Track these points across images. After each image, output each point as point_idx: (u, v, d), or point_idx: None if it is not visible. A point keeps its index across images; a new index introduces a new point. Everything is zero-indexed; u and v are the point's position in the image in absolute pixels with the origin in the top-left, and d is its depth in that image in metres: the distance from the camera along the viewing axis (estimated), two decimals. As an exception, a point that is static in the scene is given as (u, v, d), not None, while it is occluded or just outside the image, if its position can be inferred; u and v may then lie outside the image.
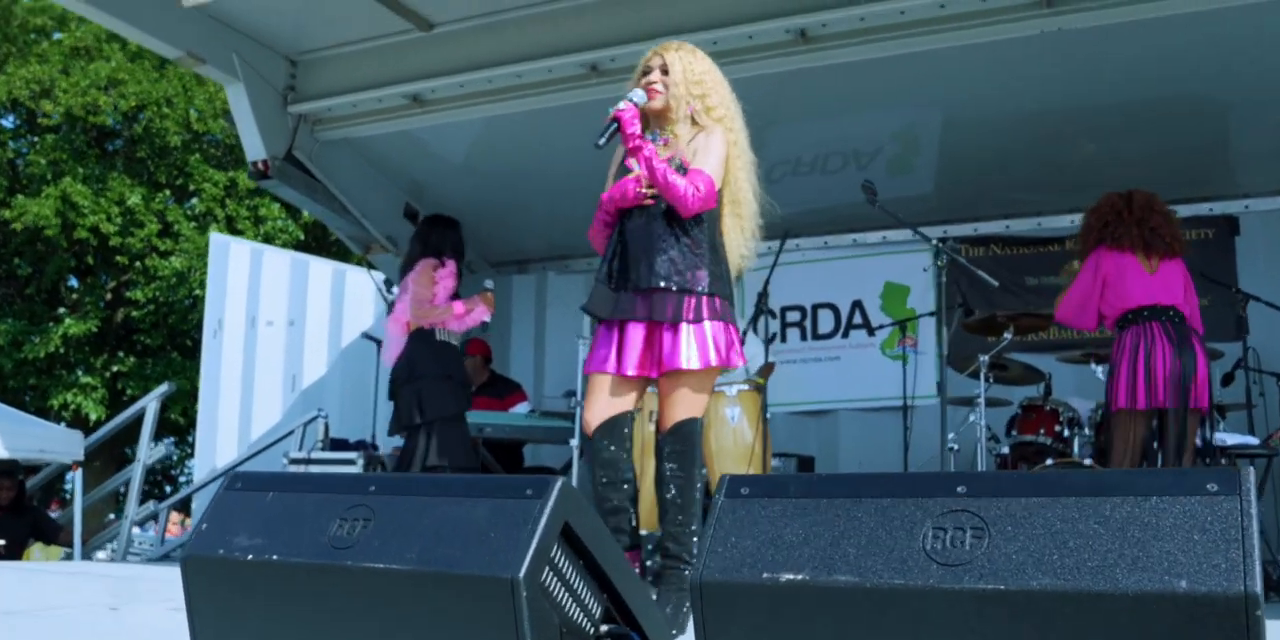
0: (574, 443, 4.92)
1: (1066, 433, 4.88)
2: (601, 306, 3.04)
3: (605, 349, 3.02)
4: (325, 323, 7.56)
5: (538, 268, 7.36)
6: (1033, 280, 6.05)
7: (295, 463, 5.68)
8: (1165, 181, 5.44)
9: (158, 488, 16.97)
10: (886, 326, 6.09)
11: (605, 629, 1.55)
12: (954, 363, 4.97)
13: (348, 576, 1.42)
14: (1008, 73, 4.95)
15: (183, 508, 10.73)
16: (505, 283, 7.06)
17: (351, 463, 5.57)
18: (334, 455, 5.75)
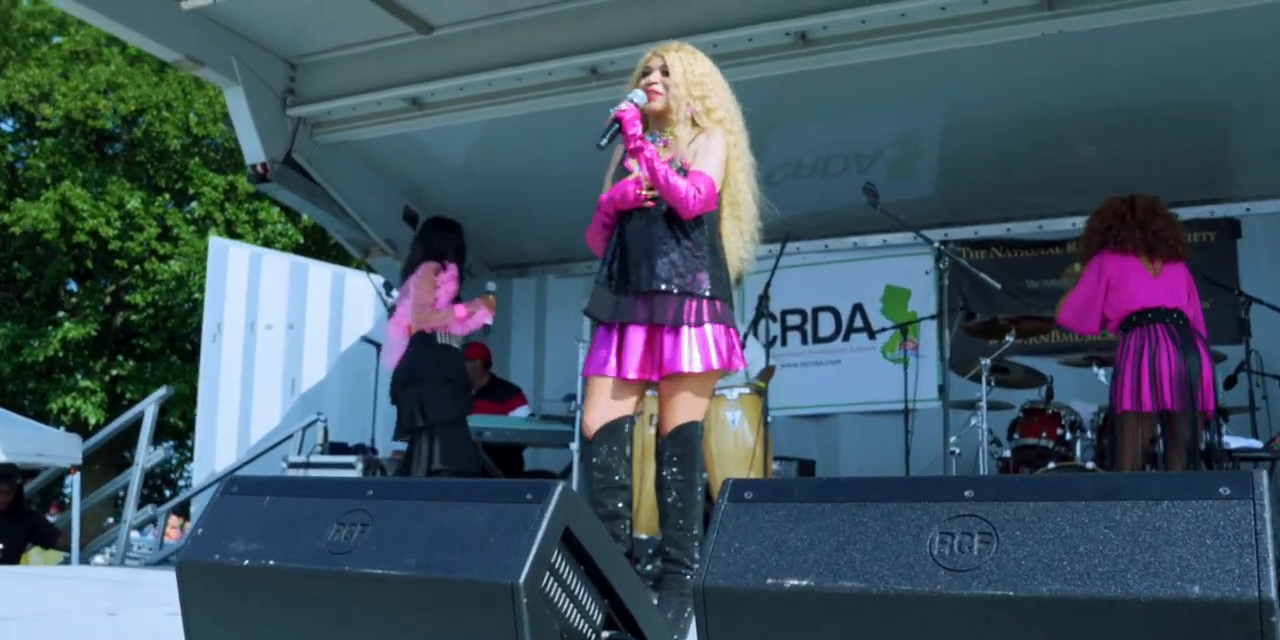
0: (574, 446, 4.90)
1: (1069, 436, 4.86)
2: (602, 309, 3.02)
3: (605, 352, 3.00)
4: (324, 326, 7.54)
5: (537, 271, 7.34)
6: (1034, 283, 6.04)
7: (294, 467, 5.66)
8: (1167, 184, 5.42)
9: (157, 492, 16.93)
10: (887, 330, 6.07)
11: (607, 635, 1.53)
12: (955, 366, 4.95)
13: (345, 582, 1.40)
14: (1009, 75, 4.94)
15: (182, 512, 10.71)
16: (505, 286, 7.04)
17: (351, 467, 5.55)
18: (333, 459, 5.73)
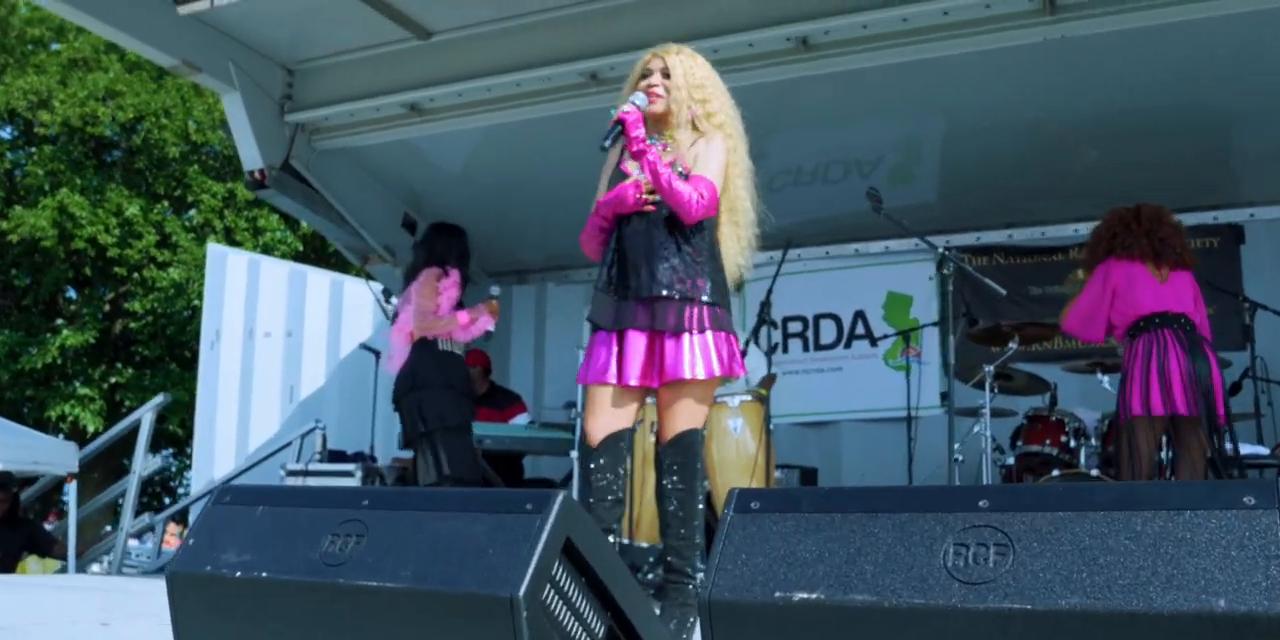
0: (574, 454, 4.86)
1: (1073, 443, 4.82)
2: (604, 316, 2.99)
3: (605, 358, 2.96)
4: (323, 334, 7.52)
5: (537, 278, 7.31)
6: (1036, 290, 6.01)
7: (292, 474, 5.63)
8: (1169, 190, 5.40)
9: (156, 499, 16.89)
10: (889, 337, 6.03)
11: (608, 648, 1.49)
12: (958, 373, 4.91)
13: (340, 595, 1.37)
14: (1011, 80, 4.91)
15: (181, 519, 10.66)
16: (504, 293, 7.01)
17: (349, 475, 5.51)
18: (332, 467, 5.70)
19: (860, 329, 6.38)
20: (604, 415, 2.94)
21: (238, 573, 1.43)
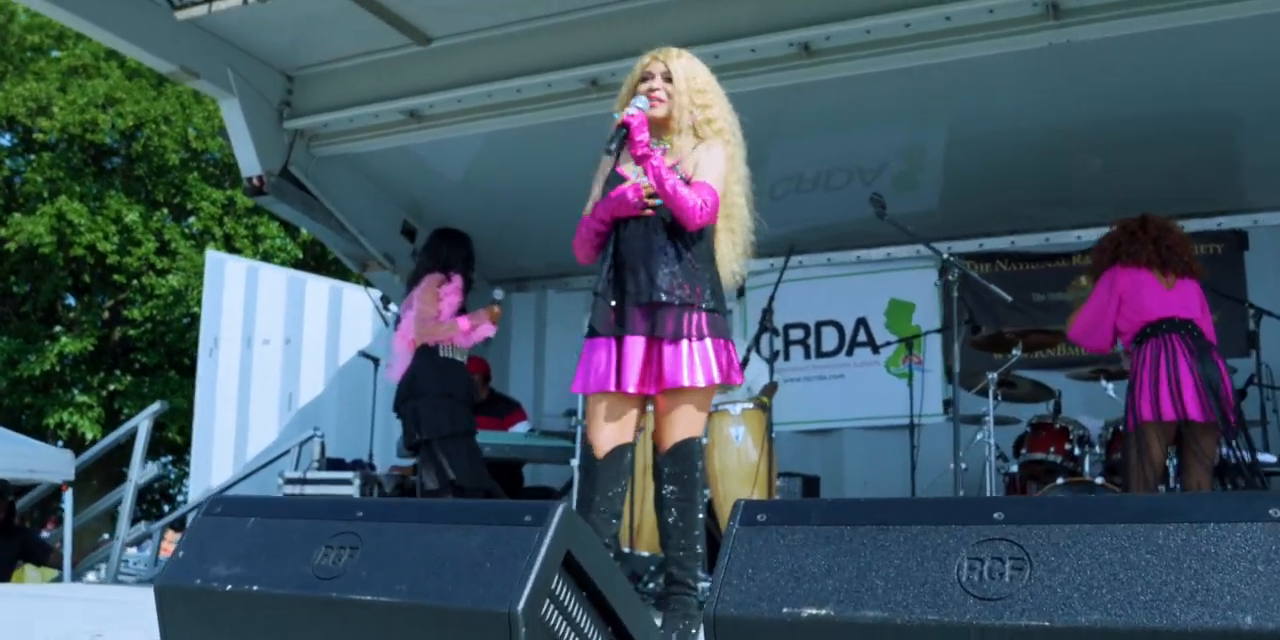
0: (575, 462, 4.82)
1: (1077, 451, 4.78)
2: (605, 323, 2.95)
3: (605, 366, 2.91)
4: (322, 341, 7.48)
5: (537, 286, 7.28)
6: (1039, 296, 5.97)
7: (290, 483, 5.58)
8: (1173, 196, 5.39)
9: (155, 506, 16.84)
10: (891, 344, 6.00)
11: (609, 664, 1.45)
12: (961, 380, 4.87)
13: (332, 609, 1.32)
14: (1014, 86, 4.88)
15: (179, 527, 10.62)
16: (505, 300, 6.98)
17: (348, 483, 5.47)
18: (330, 475, 5.65)
19: (862, 336, 6.34)
20: (608, 426, 2.90)
21: (228, 586, 1.39)
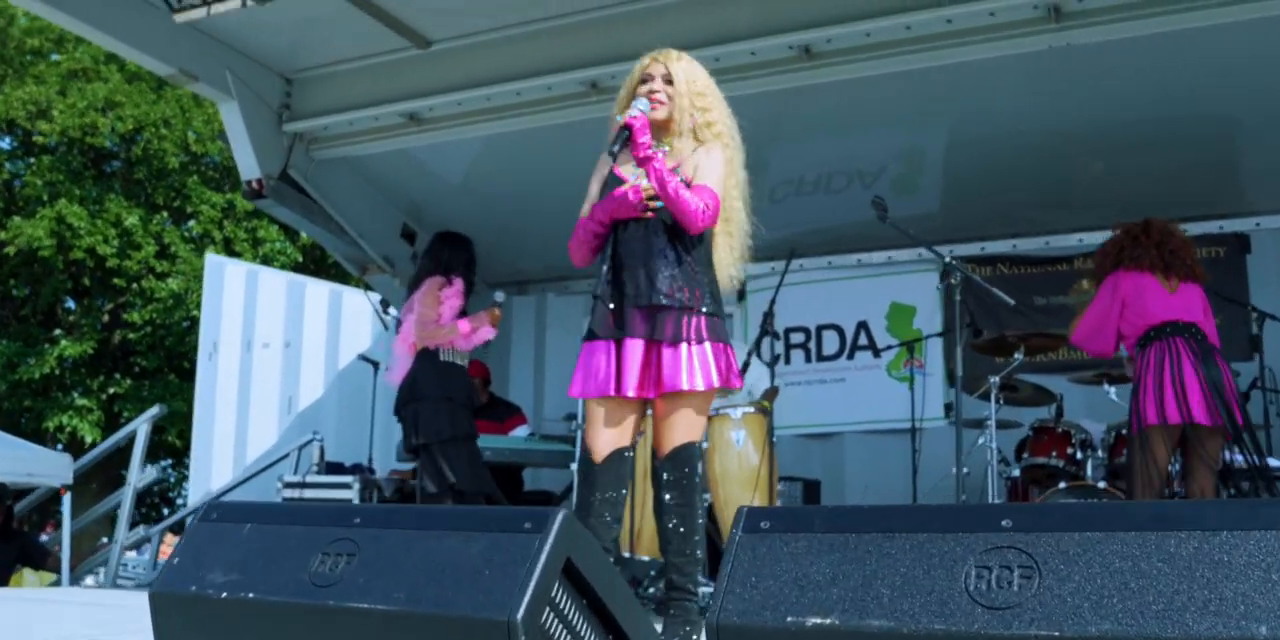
0: (575, 467, 4.80)
1: (1079, 455, 4.76)
2: (605, 327, 2.93)
3: (605, 369, 2.89)
4: (322, 345, 7.46)
5: (537, 289, 7.26)
6: (1041, 300, 5.96)
7: (290, 487, 5.56)
8: (1175, 199, 5.37)
9: (155, 510, 16.82)
10: (893, 347, 5.98)
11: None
12: (963, 384, 4.86)
13: (330, 617, 1.31)
14: (1015, 89, 4.87)
15: (178, 531, 10.60)
16: (505, 304, 6.97)
17: (347, 487, 5.45)
18: (329, 479, 5.63)
19: (863, 340, 6.33)
20: (607, 431, 2.88)
21: (224, 593, 1.37)
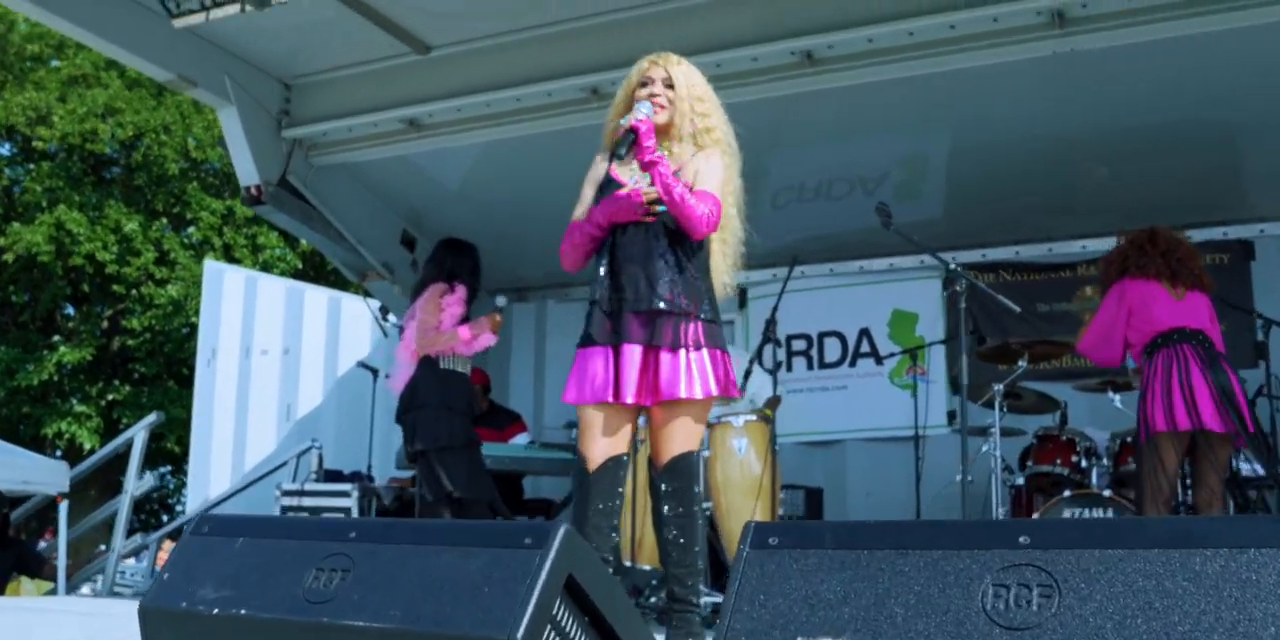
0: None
1: (1084, 463, 4.73)
2: (602, 331, 2.90)
3: (603, 375, 2.85)
4: (321, 351, 7.44)
5: (537, 296, 7.23)
6: (1044, 307, 5.93)
7: (288, 494, 5.53)
8: (1179, 206, 5.35)
9: (154, 516, 16.79)
10: (895, 355, 5.95)
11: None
12: (967, 392, 4.83)
13: (324, 635, 1.27)
14: (1018, 95, 4.84)
15: (176, 538, 10.56)
16: (505, 310, 6.94)
17: (346, 495, 5.41)
18: (328, 487, 5.60)
19: (865, 347, 6.30)
20: (603, 439, 2.84)
21: (215, 609, 1.33)
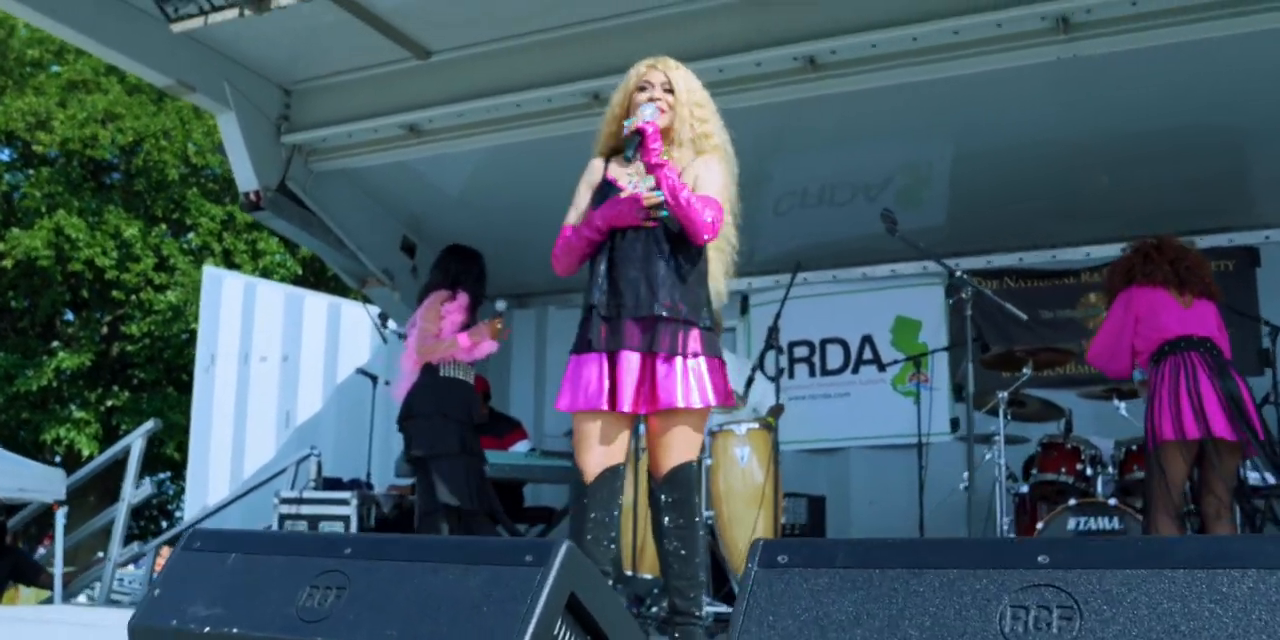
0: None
1: (1089, 471, 4.68)
2: (599, 337, 2.86)
3: (597, 382, 2.81)
4: (320, 358, 7.40)
5: (538, 302, 7.20)
6: (1048, 314, 5.90)
7: (286, 502, 5.49)
8: (1183, 211, 5.32)
9: (154, 523, 16.75)
10: (898, 362, 5.92)
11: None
12: (971, 399, 4.79)
13: (318, 654, 1.23)
14: (1022, 101, 4.82)
15: (174, 545, 10.51)
16: (506, 314, 6.90)
17: (345, 502, 5.37)
18: (327, 495, 5.56)
19: (868, 354, 6.27)
20: (600, 448, 2.80)
21: (206, 628, 1.30)
